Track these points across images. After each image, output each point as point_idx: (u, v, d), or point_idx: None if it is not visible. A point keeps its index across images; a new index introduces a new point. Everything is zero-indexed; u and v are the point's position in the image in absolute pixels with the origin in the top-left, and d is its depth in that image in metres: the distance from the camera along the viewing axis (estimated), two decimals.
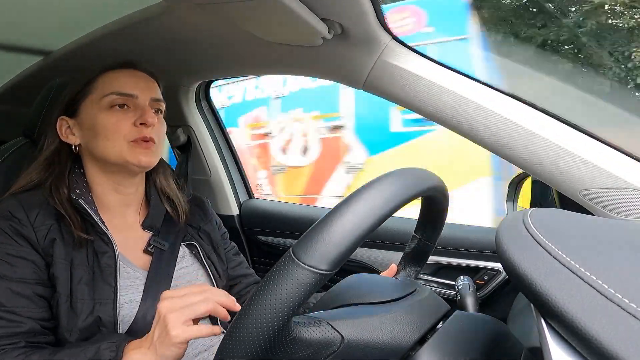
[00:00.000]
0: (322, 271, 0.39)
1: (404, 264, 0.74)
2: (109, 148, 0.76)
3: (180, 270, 0.84)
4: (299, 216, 1.43)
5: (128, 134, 0.77)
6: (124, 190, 0.82)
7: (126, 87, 0.78)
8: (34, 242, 0.70)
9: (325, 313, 0.50)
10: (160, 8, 0.84)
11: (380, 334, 0.49)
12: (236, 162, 1.54)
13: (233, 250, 1.03)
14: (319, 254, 0.39)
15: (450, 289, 1.11)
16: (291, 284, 0.38)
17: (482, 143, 0.80)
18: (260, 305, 0.38)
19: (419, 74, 0.81)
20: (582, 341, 0.31)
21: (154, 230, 0.85)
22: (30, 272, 0.69)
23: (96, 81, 0.79)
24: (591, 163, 0.71)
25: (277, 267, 0.40)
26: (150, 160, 0.79)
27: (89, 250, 0.73)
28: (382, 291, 0.58)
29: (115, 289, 0.72)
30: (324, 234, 0.40)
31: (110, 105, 0.77)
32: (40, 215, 0.72)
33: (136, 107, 0.79)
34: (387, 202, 0.43)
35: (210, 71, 1.20)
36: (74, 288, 0.70)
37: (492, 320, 0.61)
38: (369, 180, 0.45)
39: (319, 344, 0.44)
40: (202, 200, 1.00)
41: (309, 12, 0.74)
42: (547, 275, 0.35)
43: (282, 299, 0.38)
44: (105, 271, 0.72)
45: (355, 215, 0.41)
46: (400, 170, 0.48)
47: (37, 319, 0.68)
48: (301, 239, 0.41)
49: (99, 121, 0.77)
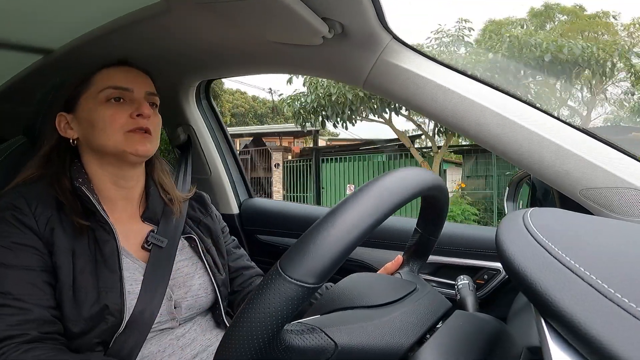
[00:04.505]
0: (309, 285, 0.39)
1: (406, 258, 0.74)
2: (106, 139, 0.78)
3: (179, 263, 0.85)
4: (299, 215, 1.43)
5: (124, 125, 0.79)
6: (124, 183, 0.84)
7: (122, 81, 0.81)
8: (36, 230, 0.71)
9: (320, 319, 0.50)
10: (160, 7, 0.84)
11: (376, 340, 0.49)
12: (236, 161, 1.54)
13: (233, 244, 1.04)
14: (305, 267, 0.39)
15: (450, 289, 1.11)
16: (278, 298, 0.38)
17: (481, 142, 0.80)
18: (248, 320, 0.39)
19: (420, 73, 0.81)
20: (582, 341, 0.31)
21: (154, 222, 0.86)
22: (36, 259, 0.70)
23: (93, 78, 0.82)
24: (591, 163, 0.70)
25: (265, 281, 0.40)
26: (147, 148, 0.81)
27: (90, 240, 0.74)
28: (379, 294, 0.58)
29: (120, 276, 0.73)
30: (309, 247, 0.40)
31: (107, 99, 0.79)
32: (40, 205, 0.73)
33: (132, 100, 0.81)
34: (374, 211, 0.43)
35: (210, 70, 1.20)
36: (77, 277, 0.70)
37: (492, 319, 0.61)
38: (357, 188, 0.45)
39: (312, 352, 0.44)
40: (201, 195, 1.01)
41: (309, 12, 0.74)
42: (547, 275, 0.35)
43: (269, 313, 0.38)
44: (108, 259, 0.73)
45: (341, 227, 0.41)
46: (386, 176, 0.47)
47: (45, 306, 0.68)
48: (287, 252, 0.41)
49: (96, 114, 0.79)
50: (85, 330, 0.69)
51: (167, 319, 0.79)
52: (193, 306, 0.84)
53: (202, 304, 0.86)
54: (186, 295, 0.83)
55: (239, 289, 0.99)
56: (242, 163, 1.59)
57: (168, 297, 0.79)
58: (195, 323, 0.85)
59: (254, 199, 1.56)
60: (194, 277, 0.85)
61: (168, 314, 0.79)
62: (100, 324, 0.70)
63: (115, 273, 0.73)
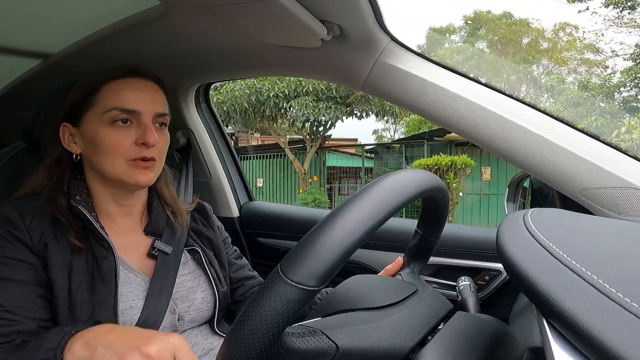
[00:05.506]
0: (309, 287, 0.39)
1: (407, 259, 0.74)
2: (107, 165, 0.76)
3: (182, 277, 0.84)
4: (299, 218, 1.43)
5: (128, 153, 0.75)
6: (124, 202, 0.82)
7: (130, 102, 0.76)
8: (29, 245, 0.70)
9: (321, 322, 0.50)
10: (159, 10, 0.84)
11: (377, 342, 0.49)
12: (236, 164, 1.54)
13: (235, 254, 1.02)
14: (305, 270, 0.39)
15: (451, 290, 1.11)
16: (279, 301, 0.38)
17: (481, 143, 0.80)
18: (249, 322, 0.39)
19: (419, 75, 0.82)
20: (583, 341, 0.31)
21: (157, 235, 0.85)
22: (30, 274, 0.69)
23: (100, 92, 0.77)
24: (591, 163, 0.71)
25: (265, 284, 0.40)
26: (149, 179, 0.78)
27: (89, 256, 0.73)
28: (381, 295, 0.58)
29: (115, 293, 0.72)
30: (310, 250, 0.40)
31: (112, 121, 0.75)
32: (35, 220, 0.71)
33: (139, 123, 0.77)
34: (375, 214, 0.43)
35: (209, 73, 1.20)
36: (73, 293, 0.70)
37: (494, 320, 0.61)
38: (357, 190, 0.45)
39: (313, 354, 0.44)
40: (203, 206, 0.99)
41: (307, 14, 0.74)
42: (548, 275, 0.35)
43: (270, 316, 0.38)
44: (105, 275, 0.72)
45: (341, 230, 0.41)
46: (385, 178, 0.47)
47: (35, 318, 0.67)
48: (288, 255, 0.41)
49: (100, 136, 0.75)
50: None
51: (170, 331, 0.78)
52: (195, 319, 0.83)
53: (204, 317, 0.86)
54: (189, 309, 0.82)
55: (241, 299, 0.99)
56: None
57: (172, 310, 0.78)
58: (195, 329, 0.84)
59: (254, 202, 1.56)
60: (197, 290, 0.84)
61: (171, 326, 0.78)
62: None
63: (110, 289, 0.71)
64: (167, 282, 0.79)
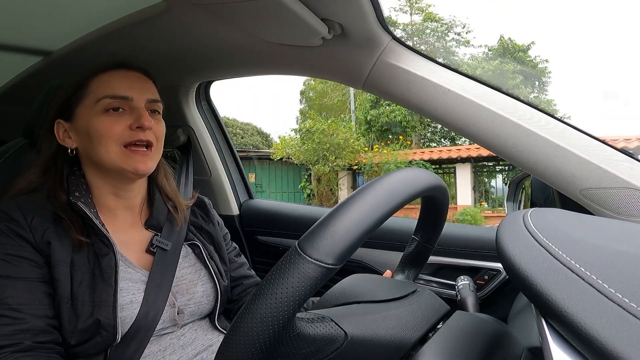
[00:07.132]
0: (328, 265, 0.38)
1: (402, 266, 0.74)
2: (103, 153, 0.75)
3: (183, 270, 0.84)
4: (298, 216, 1.43)
5: (123, 137, 0.75)
6: (124, 194, 0.82)
7: (120, 89, 0.76)
8: (32, 242, 0.70)
9: (330, 310, 0.50)
10: (160, 8, 0.84)
11: (383, 331, 0.49)
12: (236, 162, 1.54)
13: (234, 252, 1.03)
14: (325, 247, 0.39)
15: (450, 289, 1.11)
16: (297, 277, 0.38)
17: (481, 142, 0.80)
18: (265, 299, 0.38)
19: (419, 74, 0.81)
20: (582, 341, 0.31)
21: (157, 229, 0.85)
22: (33, 271, 0.69)
23: (89, 84, 0.77)
24: (591, 163, 0.71)
25: (283, 261, 0.39)
26: (147, 167, 0.78)
27: (90, 253, 0.73)
28: (384, 290, 0.58)
29: (115, 290, 0.72)
30: (330, 228, 0.40)
31: (105, 109, 0.75)
32: (37, 218, 0.71)
33: (132, 109, 0.77)
34: (392, 199, 0.43)
35: (210, 71, 1.20)
36: (75, 290, 0.70)
37: (493, 320, 0.61)
38: (375, 178, 0.46)
39: (322, 340, 0.44)
40: (203, 201, 1.00)
41: (308, 13, 0.74)
42: (548, 275, 0.35)
43: (288, 293, 0.38)
44: (105, 273, 0.72)
45: (361, 210, 0.41)
46: (405, 169, 0.49)
47: (41, 316, 0.67)
48: (307, 233, 0.40)
49: (93, 126, 0.75)
50: (81, 342, 0.69)
51: (169, 325, 0.78)
52: (195, 312, 0.83)
53: (204, 311, 0.86)
54: (189, 302, 0.82)
55: (237, 298, 0.98)
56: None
57: (171, 303, 0.79)
58: (195, 324, 0.84)
59: (254, 200, 1.56)
60: (197, 284, 0.85)
61: (170, 320, 0.78)
62: (95, 337, 0.69)
63: (110, 287, 0.71)
64: (166, 276, 0.79)
